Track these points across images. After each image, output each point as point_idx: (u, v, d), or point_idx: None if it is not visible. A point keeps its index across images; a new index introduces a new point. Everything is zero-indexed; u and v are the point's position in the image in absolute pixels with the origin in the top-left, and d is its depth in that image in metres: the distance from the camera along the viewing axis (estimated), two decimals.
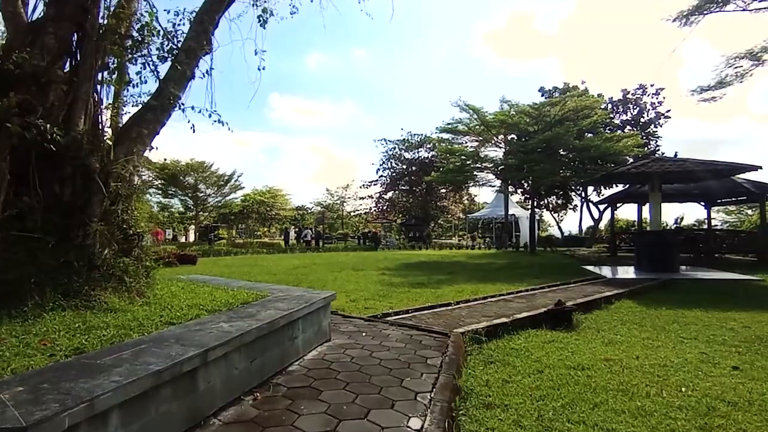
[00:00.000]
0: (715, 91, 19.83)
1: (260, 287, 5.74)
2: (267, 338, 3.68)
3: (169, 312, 3.88)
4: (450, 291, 10.00)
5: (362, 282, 11.70)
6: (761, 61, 19.03)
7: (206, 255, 23.73)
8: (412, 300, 8.87)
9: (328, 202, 55.80)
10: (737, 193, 16.00)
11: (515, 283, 10.98)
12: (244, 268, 15.99)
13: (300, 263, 17.62)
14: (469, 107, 21.01)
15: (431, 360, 4.49)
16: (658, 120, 26.13)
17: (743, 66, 19.33)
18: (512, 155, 20.50)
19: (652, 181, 12.21)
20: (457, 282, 11.64)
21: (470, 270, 14.90)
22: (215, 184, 48.02)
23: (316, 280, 11.94)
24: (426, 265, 16.61)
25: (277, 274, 13.72)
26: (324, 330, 4.94)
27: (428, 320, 6.47)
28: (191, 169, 46.42)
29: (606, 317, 7.25)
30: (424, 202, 40.59)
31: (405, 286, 10.90)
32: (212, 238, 45.10)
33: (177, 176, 45.33)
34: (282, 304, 4.42)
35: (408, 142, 40.19)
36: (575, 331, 6.33)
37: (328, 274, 13.81)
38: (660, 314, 7.45)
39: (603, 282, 10.62)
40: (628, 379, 4.44)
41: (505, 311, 7.05)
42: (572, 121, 19.19)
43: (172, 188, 46.14)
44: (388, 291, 10.03)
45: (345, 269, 15.10)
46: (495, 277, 12.64)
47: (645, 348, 5.54)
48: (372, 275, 13.34)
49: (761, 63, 19.00)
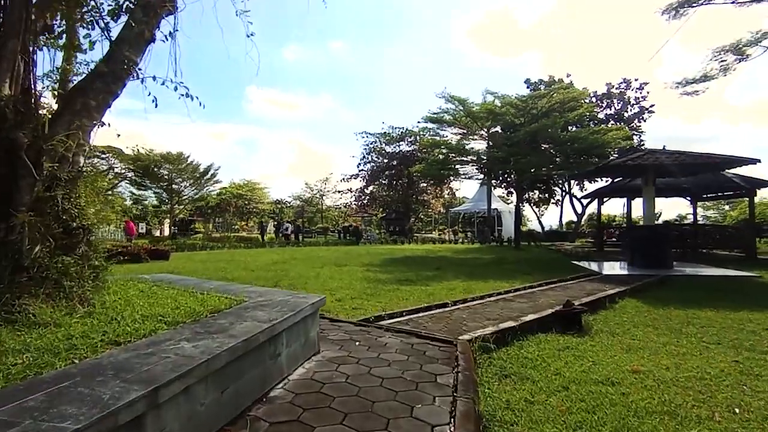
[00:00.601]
0: (698, 85, 19.66)
1: (236, 289, 4.88)
2: (243, 360, 2.85)
3: (117, 326, 3.00)
4: (441, 289, 9.30)
5: (347, 279, 10.90)
6: (745, 56, 18.89)
7: (181, 249, 22.52)
8: (402, 299, 8.14)
9: (307, 195, 54.57)
10: (727, 188, 15.79)
11: (508, 280, 10.37)
12: (220, 263, 14.97)
13: (279, 258, 16.69)
14: (454, 98, 20.31)
15: (442, 378, 3.74)
16: (642, 114, 26.01)
17: (727, 60, 19.18)
18: (497, 148, 19.94)
19: (647, 174, 11.75)
20: (446, 278, 10.96)
21: (457, 265, 14.26)
22: (191, 176, 46.23)
23: (297, 277, 11.08)
24: (411, 261, 15.91)
25: (255, 270, 12.79)
26: (312, 341, 4.14)
27: (427, 325, 5.73)
28: (167, 161, 44.52)
29: (615, 318, 6.65)
30: (405, 196, 39.89)
31: (392, 283, 10.16)
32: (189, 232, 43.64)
33: (151, 168, 43.44)
34: (262, 312, 3.58)
35: (389, 135, 39.34)
36: (588, 336, 5.68)
37: (309, 270, 12.95)
38: (671, 315, 6.89)
39: (600, 279, 10.09)
40: (669, 397, 3.78)
41: (509, 313, 6.37)
42: (559, 113, 18.73)
43: (146, 181, 44.22)
44: (376, 289, 9.27)
45: (327, 265, 14.26)
46: (485, 273, 12.01)
47: (671, 356, 4.92)
48: (356, 271, 12.54)
49: (745, 57, 18.86)
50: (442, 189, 42.72)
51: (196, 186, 47.44)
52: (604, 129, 19.49)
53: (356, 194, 44.11)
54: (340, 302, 7.85)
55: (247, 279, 10.84)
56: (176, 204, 46.45)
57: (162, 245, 20.56)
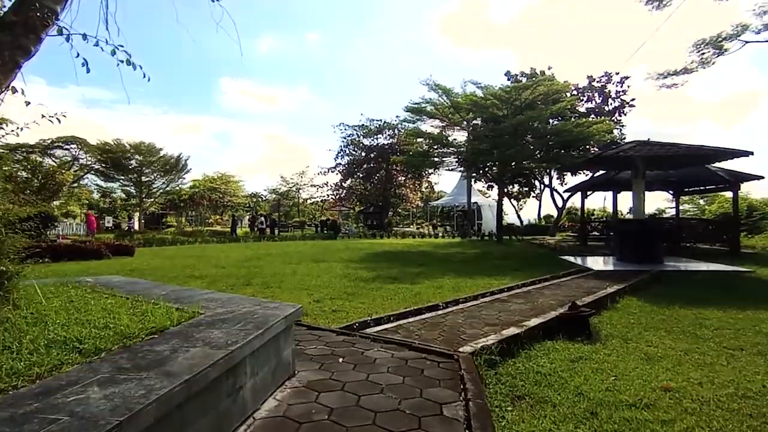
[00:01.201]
0: (677, 77, 19.49)
1: (192, 296, 3.99)
2: (184, 408, 2.01)
3: (3, 361, 2.11)
4: (428, 287, 8.57)
5: (326, 276, 10.06)
6: (723, 50, 18.76)
7: (149, 244, 21.18)
8: (387, 299, 7.37)
9: (283, 189, 53.13)
10: (711, 182, 15.58)
11: (498, 277, 9.72)
12: (189, 260, 13.88)
13: (253, 254, 15.68)
14: (439, 87, 19.52)
15: (449, 408, 2.96)
16: (622, 108, 25.83)
17: (707, 54, 19.03)
18: (478, 140, 19.32)
19: (636, 166, 11.27)
20: (432, 276, 10.24)
21: (442, 261, 13.57)
22: (162, 168, 44.28)
23: (271, 275, 10.17)
24: (393, 256, 15.14)
25: (227, 267, 11.80)
26: (286, 363, 3.30)
27: (420, 332, 4.95)
28: (137, 152, 42.47)
29: (622, 320, 6.02)
30: (383, 190, 39.07)
31: (375, 281, 9.38)
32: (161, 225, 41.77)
33: (120, 160, 41.37)
34: (219, 332, 2.73)
35: (367, 128, 38.38)
36: (599, 342, 5.02)
37: (285, 266, 12.04)
38: (678, 315, 6.32)
39: (593, 275, 9.52)
40: (720, 424, 3.12)
41: (509, 317, 5.66)
42: (544, 105, 18.22)
43: (114, 173, 42.12)
44: (358, 288, 8.47)
45: (304, 261, 13.36)
46: (472, 269, 11.35)
47: (697, 367, 4.28)
48: (336, 268, 11.71)
49: (723, 52, 18.73)
50: (420, 182, 42.07)
51: (167, 178, 45.53)
52: (588, 122, 19.11)
53: (333, 188, 43.04)
54: (318, 303, 7.04)
55: (217, 277, 9.89)
56: (146, 197, 44.47)
57: (126, 240, 19.22)
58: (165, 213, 52.15)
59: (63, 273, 10.35)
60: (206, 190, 55.77)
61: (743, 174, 14.54)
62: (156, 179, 44.94)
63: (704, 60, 18.95)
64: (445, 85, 19.67)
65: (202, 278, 9.92)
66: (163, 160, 44.00)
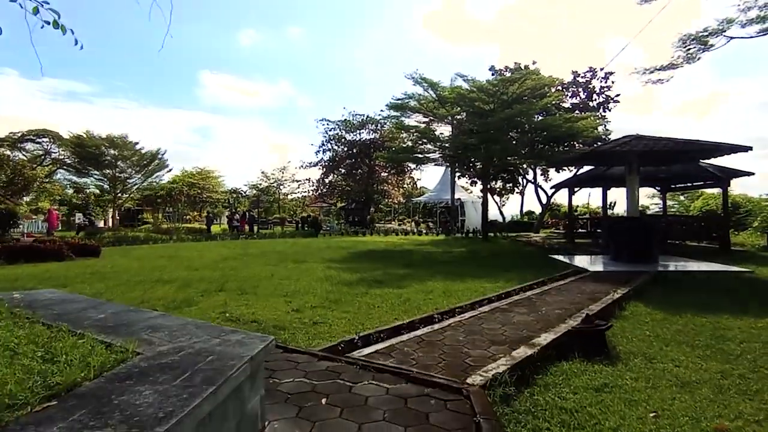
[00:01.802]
0: (662, 73, 19.23)
1: (136, 322, 3.12)
2: None
3: None
4: (417, 292, 7.85)
5: (306, 279, 9.23)
6: (707, 46, 18.51)
7: (119, 243, 19.90)
8: (374, 307, 6.62)
9: (264, 185, 51.69)
10: (701, 178, 15.23)
11: (490, 280, 9.06)
12: (160, 261, 12.84)
13: (229, 254, 14.69)
14: (425, 80, 18.70)
15: None
16: (607, 104, 25.55)
17: (692, 49, 18.77)
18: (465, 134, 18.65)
19: (631, 161, 10.73)
20: (420, 278, 9.52)
21: (428, 261, 12.87)
22: (138, 163, 42.45)
23: (247, 279, 9.28)
24: (377, 255, 14.37)
25: (200, 270, 10.84)
26: (251, 416, 2.49)
27: (416, 355, 4.18)
28: (111, 145, 40.54)
29: (636, 332, 5.37)
30: (366, 186, 38.21)
31: (360, 285, 8.60)
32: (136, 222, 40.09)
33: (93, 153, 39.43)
34: (150, 392, 1.90)
35: (349, 122, 37.41)
36: (621, 362, 4.34)
37: (262, 268, 11.15)
38: (694, 325, 5.71)
39: (590, 277, 8.93)
40: None
41: (515, 331, 4.94)
42: (534, 99, 17.66)
43: (87, 167, 40.14)
44: (341, 293, 7.68)
45: (284, 261, 12.47)
46: (461, 270, 10.66)
47: (743, 395, 3.63)
48: (317, 269, 10.88)
49: (708, 48, 18.49)
50: (403, 178, 41.33)
51: (143, 173, 43.71)
52: (575, 117, 18.64)
53: (315, 184, 41.97)
54: (298, 314, 6.23)
55: (187, 282, 8.94)
56: (120, 192, 42.61)
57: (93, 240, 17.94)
58: (141, 209, 50.32)
59: (13, 278, 9.29)
60: (185, 185, 54.00)
61: (733, 170, 14.23)
62: (132, 174, 43.11)
63: (690, 56, 18.67)
64: (431, 79, 18.91)
65: (170, 283, 8.97)
66: (139, 155, 42.21)
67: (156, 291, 8.04)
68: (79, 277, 9.57)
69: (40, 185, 47.64)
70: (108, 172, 40.36)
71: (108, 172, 40.36)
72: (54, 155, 45.52)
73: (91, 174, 41.09)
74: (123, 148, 39.81)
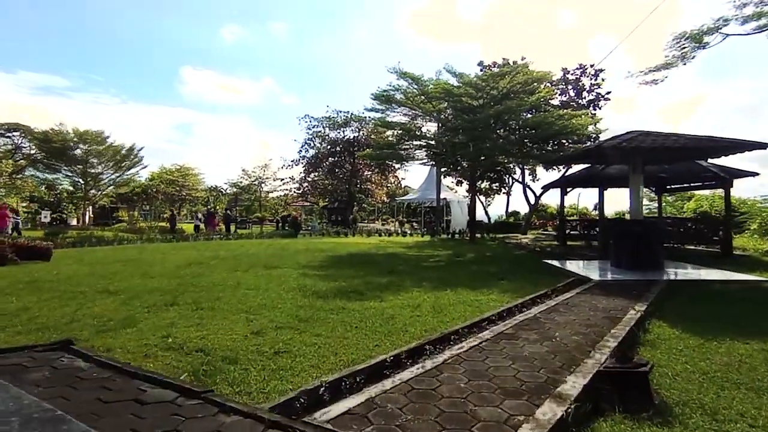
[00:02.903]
0: (657, 73, 18.60)
1: None
2: None
3: None
4: (402, 306, 6.66)
5: (275, 290, 7.95)
6: (702, 44, 17.86)
7: (81, 244, 18.21)
8: (351, 328, 5.42)
9: (245, 183, 49.93)
10: (701, 178, 14.37)
11: (483, 290, 7.92)
12: (115, 266, 11.37)
13: (198, 257, 13.26)
14: (407, 75, 17.50)
15: None
16: (598, 102, 24.78)
17: (687, 48, 18.11)
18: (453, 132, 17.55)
19: (636, 159, 9.72)
20: (405, 287, 8.33)
21: (414, 266, 11.68)
22: (112, 159, 40.38)
23: (207, 289, 7.96)
24: (357, 260, 13.12)
25: (156, 278, 9.45)
26: None
27: (404, 416, 2.96)
28: (82, 140, 38.40)
29: (677, 368, 4.24)
30: (349, 185, 36.94)
31: (337, 297, 7.37)
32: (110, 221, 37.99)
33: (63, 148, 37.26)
34: None
35: (333, 119, 36.11)
36: (677, 420, 3.21)
37: (229, 275, 9.82)
38: (740, 355, 4.60)
39: (597, 288, 7.84)
40: None
41: (529, 371, 3.76)
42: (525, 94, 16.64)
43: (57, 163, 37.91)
44: (314, 308, 6.45)
45: (254, 267, 11.14)
46: (450, 278, 9.51)
47: None
48: (289, 276, 9.61)
49: (703, 46, 17.84)
50: (386, 178, 40.17)
51: (117, 170, 41.62)
52: (569, 114, 17.68)
53: (297, 182, 40.51)
54: (257, 338, 4.98)
55: (136, 293, 7.57)
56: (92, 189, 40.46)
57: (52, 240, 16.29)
58: (116, 207, 48.06)
59: None
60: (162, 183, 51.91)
61: (736, 170, 13.41)
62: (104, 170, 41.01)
63: (684, 54, 17.98)
64: (413, 73, 17.71)
65: (116, 294, 7.60)
66: (112, 150, 40.14)
67: (94, 306, 6.69)
68: (9, 288, 8.10)
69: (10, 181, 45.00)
70: (78, 168, 38.24)
71: (78, 168, 38.24)
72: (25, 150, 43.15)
73: (60, 170, 38.84)
74: (93, 143, 37.75)
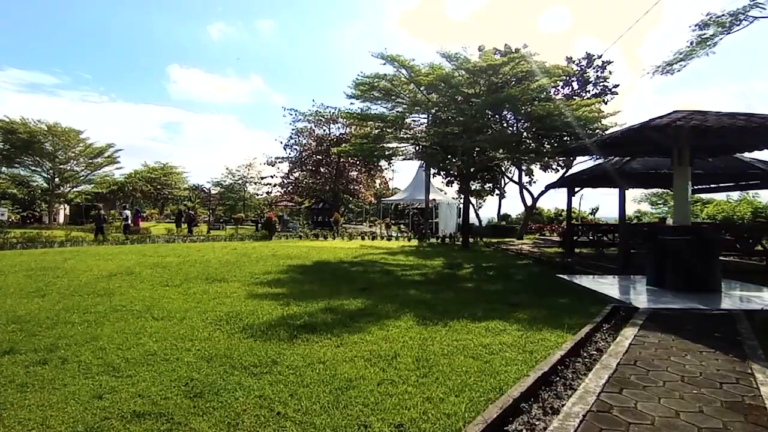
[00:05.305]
0: (675, 64, 16.64)
1: None
2: None
3: None
4: (370, 357, 4.13)
5: (193, 320, 5.38)
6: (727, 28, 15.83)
7: (27, 246, 15.39)
8: (270, 416, 2.91)
9: (228, 181, 46.97)
10: (746, 176, 12.08)
11: (489, 325, 5.42)
12: (15, 277, 8.70)
13: (134, 264, 10.58)
14: (394, 59, 14.92)
15: None
16: (604, 95, 22.53)
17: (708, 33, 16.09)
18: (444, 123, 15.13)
19: (681, 146, 7.34)
20: (380, 317, 5.81)
21: (396, 282, 9.11)
22: (83, 153, 37.30)
23: (96, 318, 5.36)
24: (328, 270, 10.55)
25: (46, 296, 6.81)
26: None
27: None
28: (52, 135, 35.27)
29: None
30: (334, 185, 34.34)
31: (274, 335, 4.82)
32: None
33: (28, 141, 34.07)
34: None
35: (320, 114, 33.61)
36: None
37: (151, 292, 7.23)
38: None
39: (653, 323, 5.33)
40: None
41: None
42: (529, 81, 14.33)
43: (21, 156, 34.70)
44: (226, 364, 3.83)
45: (193, 280, 8.53)
46: (441, 302, 6.98)
47: None
48: (234, 295, 7.07)
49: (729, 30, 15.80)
50: (373, 178, 37.64)
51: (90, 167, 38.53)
52: (578, 103, 15.37)
53: (282, 181, 37.80)
54: (139, 422, 2.45)
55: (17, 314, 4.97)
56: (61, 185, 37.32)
57: None
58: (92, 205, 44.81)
59: None
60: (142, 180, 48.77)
61: None
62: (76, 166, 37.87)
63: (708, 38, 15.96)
64: (402, 57, 15.16)
65: None
66: (84, 145, 37.07)
67: None
68: None
69: None
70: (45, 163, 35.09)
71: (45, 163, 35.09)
72: None
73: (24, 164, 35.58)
74: (62, 137, 34.66)
